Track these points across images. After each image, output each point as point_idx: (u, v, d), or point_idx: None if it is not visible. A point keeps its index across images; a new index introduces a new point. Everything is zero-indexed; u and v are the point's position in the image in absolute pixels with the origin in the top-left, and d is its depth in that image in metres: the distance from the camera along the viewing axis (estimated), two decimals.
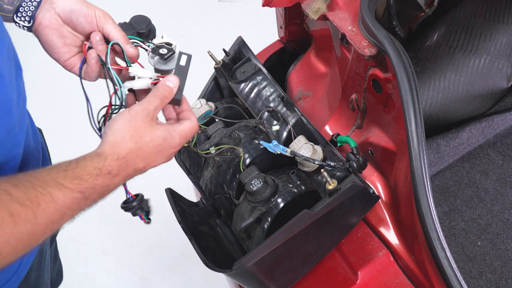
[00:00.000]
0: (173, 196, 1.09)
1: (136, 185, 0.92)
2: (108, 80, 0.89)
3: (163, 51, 0.94)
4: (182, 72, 0.90)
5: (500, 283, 1.29)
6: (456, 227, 1.39)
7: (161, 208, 1.11)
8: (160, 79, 0.90)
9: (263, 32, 2.09)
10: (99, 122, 0.89)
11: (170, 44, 0.96)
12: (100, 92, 0.96)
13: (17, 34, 0.92)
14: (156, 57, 0.94)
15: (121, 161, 0.75)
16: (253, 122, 1.08)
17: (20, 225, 0.62)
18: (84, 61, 0.90)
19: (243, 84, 1.15)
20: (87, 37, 0.90)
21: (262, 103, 1.12)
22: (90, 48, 0.89)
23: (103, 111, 0.89)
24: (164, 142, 0.81)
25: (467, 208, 1.42)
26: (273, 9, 1.43)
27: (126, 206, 0.91)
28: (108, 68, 0.89)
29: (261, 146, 1.05)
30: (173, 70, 0.93)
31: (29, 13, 0.86)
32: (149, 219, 0.93)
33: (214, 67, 1.20)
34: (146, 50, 0.95)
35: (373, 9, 1.08)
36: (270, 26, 1.83)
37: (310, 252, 1.06)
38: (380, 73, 1.03)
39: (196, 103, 1.14)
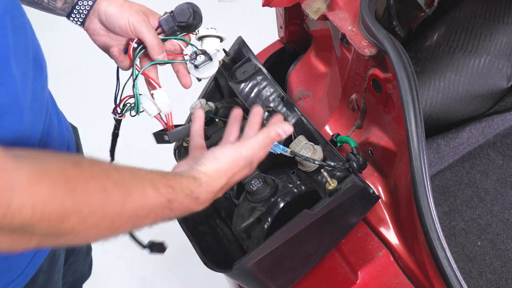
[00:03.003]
0: None
1: None
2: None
3: (200, 58, 0.97)
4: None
5: (500, 283, 1.29)
6: (456, 227, 1.39)
7: None
8: (162, 115, 0.98)
9: (263, 32, 2.08)
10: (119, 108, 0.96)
11: (220, 38, 1.00)
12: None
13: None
14: (190, 64, 0.98)
15: (210, 194, 0.78)
16: None
17: (108, 203, 0.62)
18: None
19: (243, 84, 1.15)
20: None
21: (262, 103, 1.12)
22: (134, 49, 0.95)
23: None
24: (247, 169, 0.84)
25: (467, 208, 1.42)
26: (273, 9, 1.43)
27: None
28: (135, 90, 0.95)
29: None
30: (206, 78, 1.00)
31: (78, 22, 0.94)
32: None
33: None
34: (186, 54, 0.98)
35: (373, 9, 1.08)
36: (270, 26, 1.83)
37: (310, 252, 1.06)
38: (380, 73, 1.03)
39: (196, 103, 1.14)
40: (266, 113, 1.11)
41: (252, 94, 1.14)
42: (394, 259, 1.09)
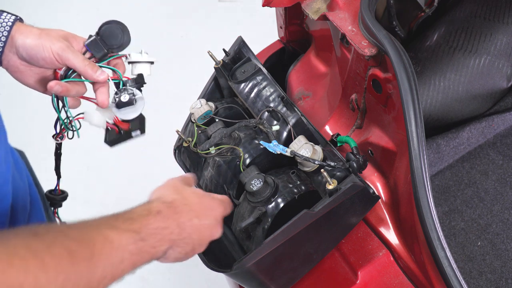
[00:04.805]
0: None
1: (137, 186, 0.93)
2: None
3: (124, 98, 0.92)
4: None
5: (500, 283, 1.29)
6: (456, 227, 1.39)
7: None
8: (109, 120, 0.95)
9: (263, 32, 2.08)
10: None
11: (151, 62, 0.96)
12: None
13: None
14: (111, 103, 0.93)
15: (168, 205, 0.76)
16: (253, 122, 1.08)
17: (78, 264, 0.60)
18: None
19: (243, 84, 1.15)
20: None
21: (262, 103, 1.12)
22: (62, 76, 0.89)
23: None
24: (208, 197, 0.83)
25: (467, 208, 1.42)
26: (273, 9, 1.43)
27: (51, 196, 0.99)
28: (65, 116, 0.92)
29: (261, 146, 1.05)
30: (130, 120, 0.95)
31: None
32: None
33: (214, 67, 1.20)
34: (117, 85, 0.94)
35: (373, 9, 1.08)
36: (270, 26, 1.83)
37: (310, 252, 1.06)
38: (380, 73, 1.04)
39: (196, 103, 1.14)
40: (266, 113, 1.11)
41: (252, 94, 1.14)
42: (394, 259, 1.09)
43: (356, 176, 0.99)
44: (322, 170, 0.96)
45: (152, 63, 0.96)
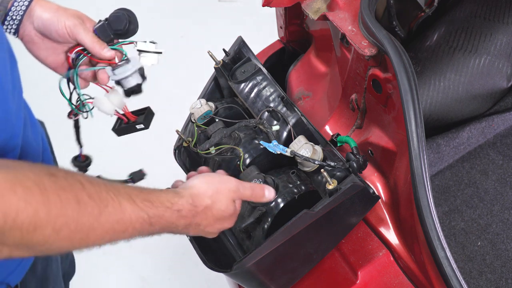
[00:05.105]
0: None
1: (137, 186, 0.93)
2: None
3: (120, 63, 0.95)
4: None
5: (500, 283, 1.29)
6: (456, 227, 1.39)
7: None
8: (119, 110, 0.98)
9: (263, 32, 2.08)
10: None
11: (159, 53, 0.99)
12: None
13: None
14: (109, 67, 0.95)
15: (192, 208, 0.78)
16: (253, 122, 1.08)
17: (83, 215, 0.62)
18: (68, 73, 0.95)
19: (243, 84, 1.15)
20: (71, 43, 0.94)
21: (262, 103, 1.12)
22: (73, 59, 0.94)
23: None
24: (229, 217, 0.86)
25: (467, 208, 1.42)
26: (273, 9, 1.43)
27: (77, 163, 1.02)
28: (79, 94, 0.96)
29: (261, 146, 1.05)
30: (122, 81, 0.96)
31: (12, 30, 0.91)
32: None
33: (214, 67, 1.20)
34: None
35: (373, 9, 1.08)
36: (270, 26, 1.84)
37: (310, 252, 1.06)
38: (380, 73, 1.04)
39: (196, 103, 1.14)
40: (266, 113, 1.11)
41: (252, 94, 1.14)
42: (394, 259, 1.09)
43: (356, 176, 0.99)
44: (322, 170, 0.96)
45: (160, 53, 0.99)
